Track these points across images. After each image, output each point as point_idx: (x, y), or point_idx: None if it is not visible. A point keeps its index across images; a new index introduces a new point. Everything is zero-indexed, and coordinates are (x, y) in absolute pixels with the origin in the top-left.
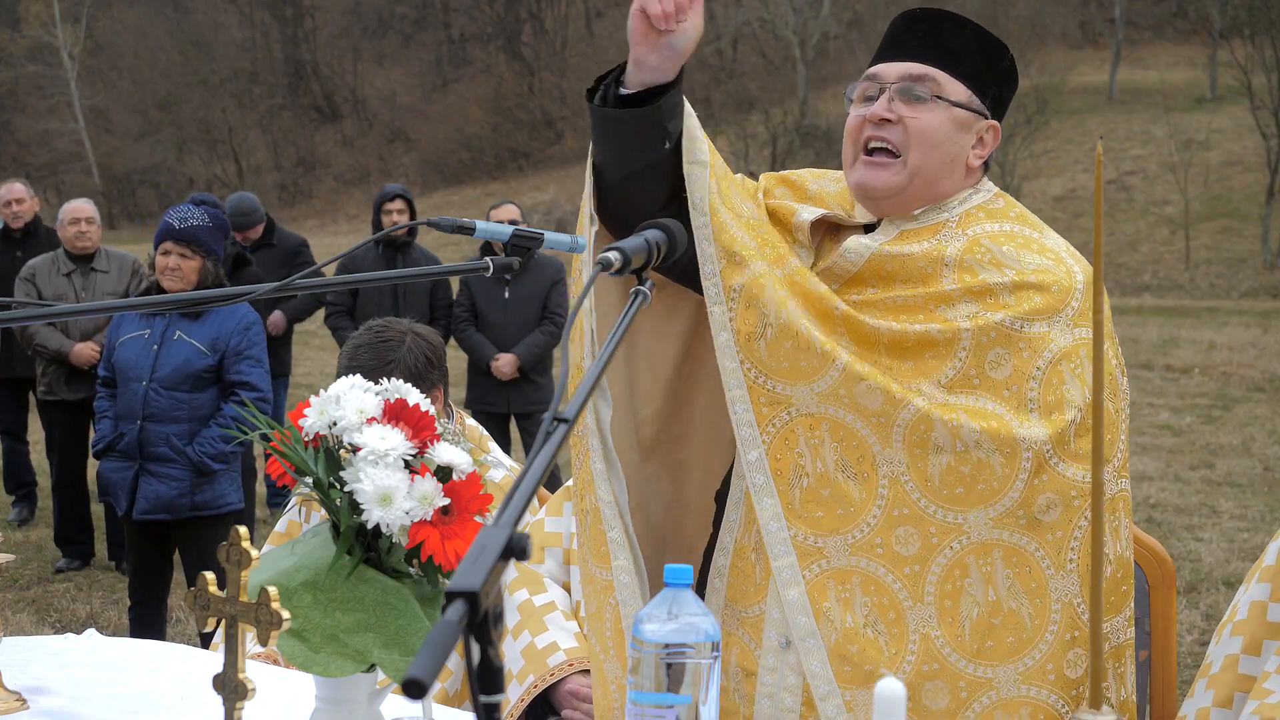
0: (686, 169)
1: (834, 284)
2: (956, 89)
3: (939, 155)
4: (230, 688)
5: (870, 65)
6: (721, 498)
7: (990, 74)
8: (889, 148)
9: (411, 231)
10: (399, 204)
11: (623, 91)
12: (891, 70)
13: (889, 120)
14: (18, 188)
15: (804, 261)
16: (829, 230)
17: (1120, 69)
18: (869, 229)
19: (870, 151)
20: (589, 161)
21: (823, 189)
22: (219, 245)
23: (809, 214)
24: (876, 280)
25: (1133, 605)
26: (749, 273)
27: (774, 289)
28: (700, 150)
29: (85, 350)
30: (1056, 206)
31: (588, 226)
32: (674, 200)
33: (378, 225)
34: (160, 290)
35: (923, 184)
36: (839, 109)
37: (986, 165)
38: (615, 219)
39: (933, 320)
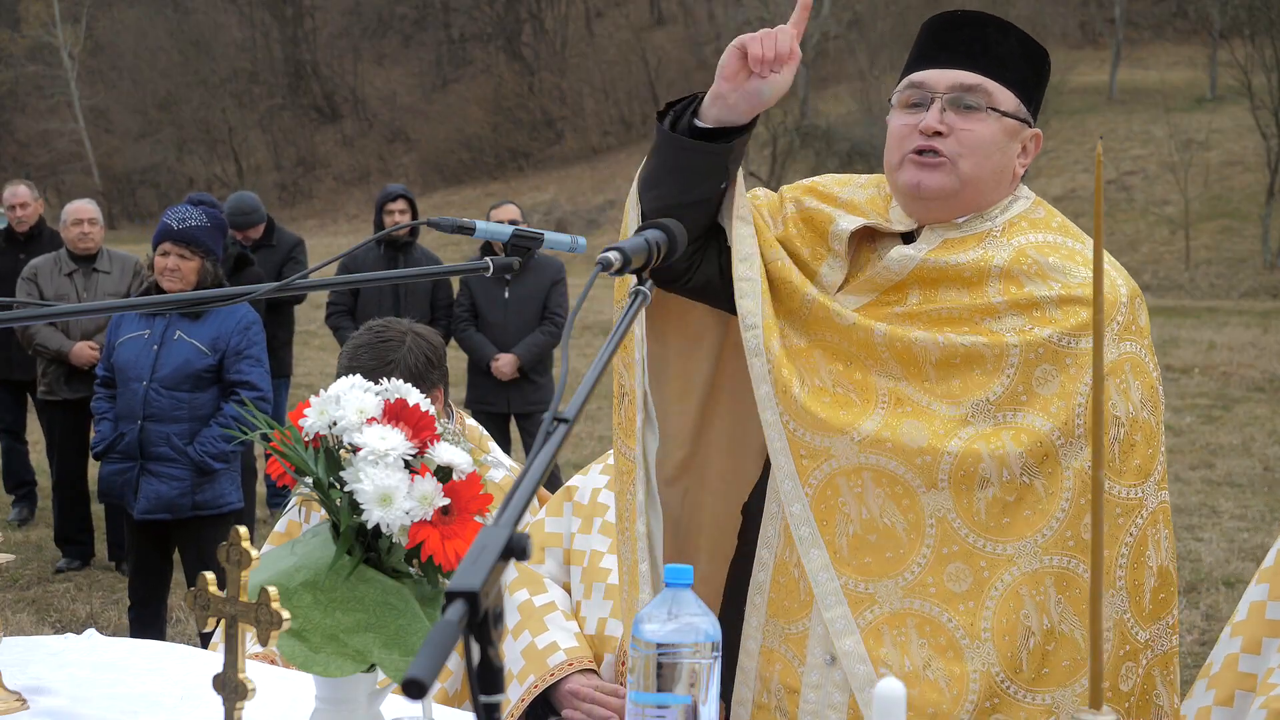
0: (734, 224)
1: (874, 292)
2: (1006, 98)
3: (991, 165)
4: (230, 688)
5: (911, 69)
6: (749, 510)
7: (1035, 80)
8: (940, 155)
9: (413, 231)
10: (401, 204)
11: (697, 123)
12: (941, 79)
13: (940, 132)
14: (22, 191)
15: (836, 273)
16: (865, 237)
17: (1120, 69)
18: (908, 239)
19: (919, 152)
20: (635, 187)
21: (854, 196)
22: (218, 245)
23: (848, 223)
24: (920, 287)
25: (1175, 612)
26: (787, 328)
27: (806, 349)
28: (744, 205)
29: (84, 350)
30: (1056, 206)
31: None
32: (704, 234)
33: (379, 225)
34: (160, 291)
35: (974, 193)
36: (839, 109)
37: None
38: None
39: (979, 333)
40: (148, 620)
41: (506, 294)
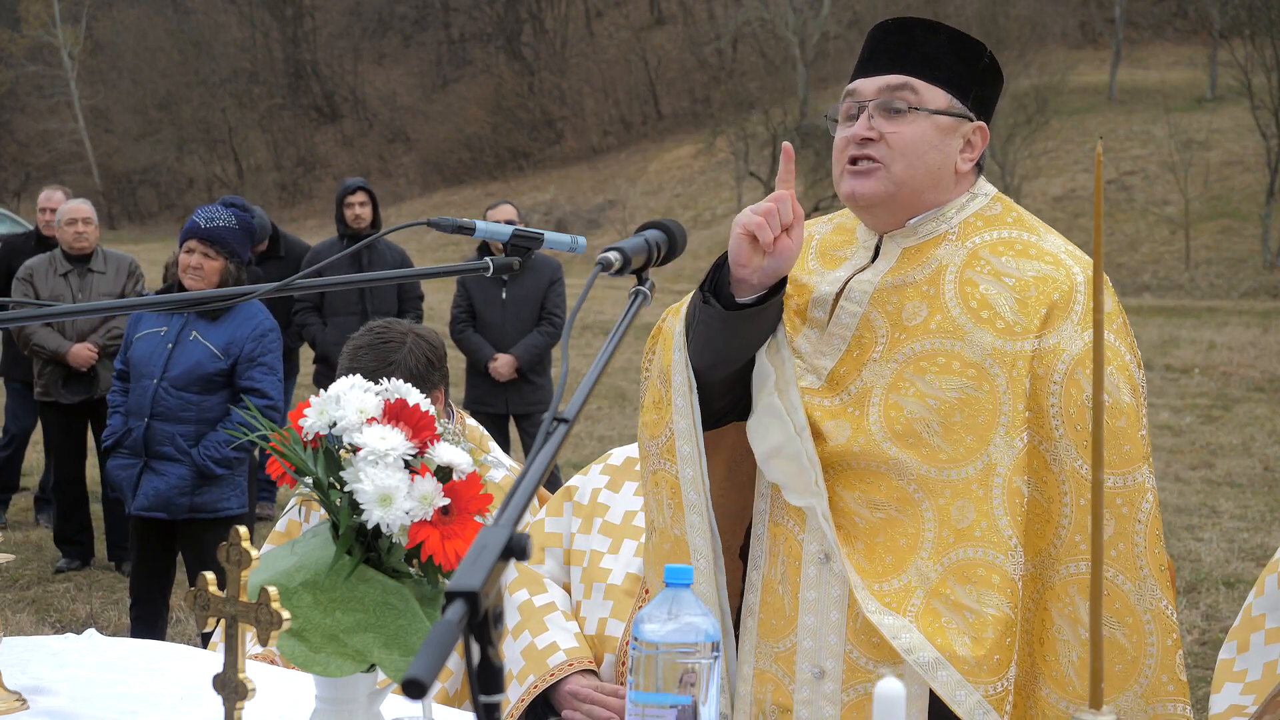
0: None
1: (841, 345)
2: (936, 96)
3: (925, 165)
4: (230, 688)
5: (850, 81)
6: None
7: (970, 75)
8: (874, 161)
9: (374, 225)
10: (361, 196)
11: (740, 300)
12: (869, 85)
13: (871, 139)
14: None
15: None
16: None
17: (1120, 69)
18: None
19: (854, 161)
20: (687, 368)
21: (813, 232)
22: (244, 248)
23: (828, 286)
24: (883, 312)
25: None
26: None
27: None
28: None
29: (82, 351)
30: (1056, 206)
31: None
32: (735, 388)
33: (340, 219)
34: (181, 288)
35: (911, 194)
36: None
37: (980, 167)
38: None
39: (955, 373)
40: (148, 619)
41: (504, 294)
